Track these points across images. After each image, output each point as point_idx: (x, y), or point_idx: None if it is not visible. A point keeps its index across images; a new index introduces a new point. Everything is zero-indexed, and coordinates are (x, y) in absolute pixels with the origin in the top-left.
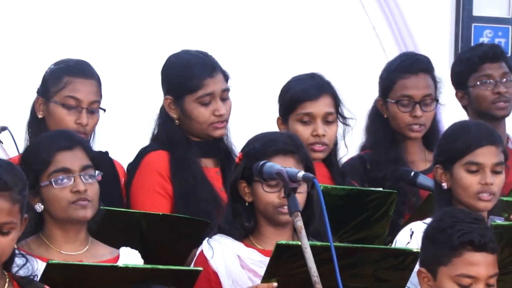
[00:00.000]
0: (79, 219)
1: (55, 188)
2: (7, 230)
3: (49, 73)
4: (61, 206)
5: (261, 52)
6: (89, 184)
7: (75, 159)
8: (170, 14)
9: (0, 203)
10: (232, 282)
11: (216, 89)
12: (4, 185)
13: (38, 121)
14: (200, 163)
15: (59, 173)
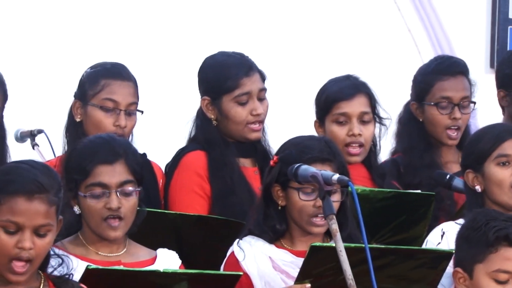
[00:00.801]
0: (109, 238)
1: (89, 201)
2: (44, 232)
3: (86, 76)
4: (94, 220)
5: (299, 55)
6: (125, 200)
7: (114, 175)
8: (207, 16)
9: (37, 206)
10: (265, 284)
11: (253, 89)
12: (40, 188)
13: (76, 124)
14: (238, 163)
15: (95, 187)
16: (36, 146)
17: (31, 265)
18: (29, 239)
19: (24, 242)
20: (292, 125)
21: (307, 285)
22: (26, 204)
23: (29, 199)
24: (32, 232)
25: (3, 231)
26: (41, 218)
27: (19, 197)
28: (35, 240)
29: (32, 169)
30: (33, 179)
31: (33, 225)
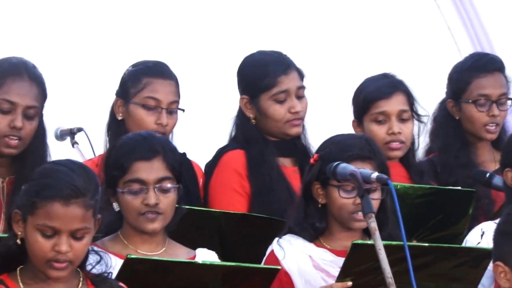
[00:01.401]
0: (147, 231)
1: (127, 197)
2: (81, 235)
3: (128, 74)
4: (132, 216)
5: (338, 53)
6: (163, 196)
7: (152, 171)
8: (246, 16)
9: (73, 210)
10: (305, 282)
11: (291, 86)
12: (77, 192)
13: (118, 122)
14: (277, 162)
15: (133, 184)
16: (75, 144)
17: (71, 265)
18: (65, 243)
19: (61, 246)
20: (332, 123)
21: (348, 283)
22: (62, 209)
23: (66, 204)
24: (69, 235)
25: (40, 234)
26: (77, 222)
27: (56, 202)
28: (72, 243)
29: (69, 172)
30: (70, 184)
31: (69, 229)
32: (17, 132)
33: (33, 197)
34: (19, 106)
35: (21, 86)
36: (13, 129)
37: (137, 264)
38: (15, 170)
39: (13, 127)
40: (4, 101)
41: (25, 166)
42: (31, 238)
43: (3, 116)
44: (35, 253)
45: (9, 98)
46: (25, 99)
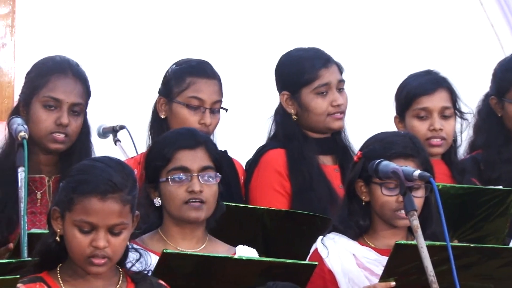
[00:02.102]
0: (190, 220)
1: (171, 185)
2: (118, 231)
3: (171, 73)
4: (175, 204)
5: (380, 50)
6: (206, 185)
7: (196, 159)
8: (286, 14)
9: (110, 205)
10: (349, 281)
11: (331, 79)
12: (114, 187)
13: (161, 121)
14: (317, 160)
15: (177, 171)
16: (118, 142)
17: (110, 261)
18: (103, 238)
19: (99, 241)
20: (374, 121)
21: (392, 283)
22: (99, 204)
23: (103, 199)
24: (107, 231)
25: (78, 230)
26: (115, 218)
27: (93, 197)
28: (110, 238)
29: (106, 167)
30: (107, 179)
31: (107, 225)
32: (63, 129)
33: (71, 193)
34: (65, 103)
35: (66, 83)
36: (59, 126)
37: (173, 259)
38: (60, 168)
39: (59, 124)
40: (49, 98)
41: (70, 165)
42: (69, 235)
43: (49, 113)
44: (73, 249)
45: (55, 96)
46: (71, 96)
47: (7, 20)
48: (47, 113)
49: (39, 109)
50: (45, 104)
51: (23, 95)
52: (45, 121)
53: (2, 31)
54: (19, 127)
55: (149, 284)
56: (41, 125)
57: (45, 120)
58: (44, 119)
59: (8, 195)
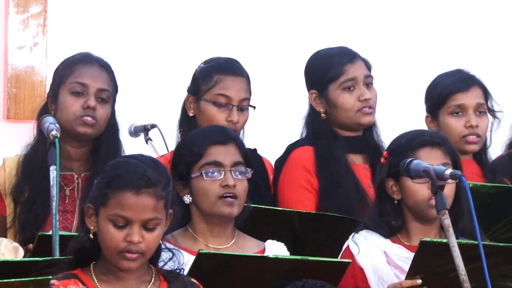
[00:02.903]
0: (224, 215)
1: (205, 180)
2: (153, 226)
3: (199, 71)
4: (209, 200)
5: (409, 52)
6: (239, 180)
7: (228, 154)
8: (316, 13)
9: (144, 200)
10: (378, 279)
11: (358, 74)
12: (148, 182)
13: (189, 119)
14: (346, 158)
15: (210, 166)
16: (149, 140)
17: (143, 257)
18: (137, 233)
19: (133, 236)
20: (404, 121)
21: (417, 281)
22: (134, 198)
23: (137, 193)
24: (141, 226)
25: (112, 224)
26: (149, 212)
27: (127, 192)
28: (144, 233)
29: (141, 163)
30: (141, 174)
31: (141, 219)
32: (91, 111)
33: (105, 189)
34: (91, 87)
35: (92, 70)
36: (87, 109)
37: (209, 259)
38: (90, 166)
39: (87, 107)
40: (76, 84)
41: (99, 162)
42: (103, 230)
43: (76, 99)
44: (107, 244)
45: (81, 81)
46: (97, 82)
47: (39, 19)
48: (75, 98)
49: (67, 96)
50: (72, 90)
51: (51, 89)
52: (73, 105)
53: (34, 30)
54: (51, 125)
55: (181, 283)
56: (69, 110)
57: (73, 104)
58: (71, 104)
59: (36, 193)
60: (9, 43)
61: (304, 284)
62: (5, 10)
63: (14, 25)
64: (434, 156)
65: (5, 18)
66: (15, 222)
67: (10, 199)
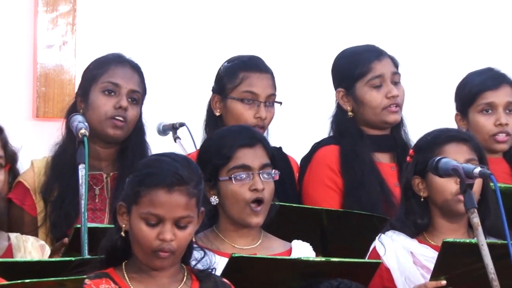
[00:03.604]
0: (252, 225)
1: (234, 184)
2: (184, 224)
3: (224, 70)
4: (238, 205)
5: (438, 49)
6: (266, 183)
7: (256, 157)
8: (342, 11)
9: (176, 198)
10: (405, 279)
11: (385, 71)
12: (180, 180)
13: (216, 118)
14: (372, 157)
15: (239, 170)
16: (178, 139)
17: (174, 255)
18: (170, 231)
19: (165, 234)
20: (433, 120)
21: (442, 282)
22: (166, 196)
23: (169, 191)
24: (173, 224)
25: (145, 223)
26: (181, 210)
27: (160, 190)
28: (176, 231)
29: (173, 161)
30: (173, 172)
31: (173, 217)
32: (123, 112)
33: (137, 187)
34: (123, 88)
35: (124, 71)
36: (118, 110)
37: (242, 262)
38: (118, 166)
39: (119, 107)
40: (109, 83)
41: (127, 161)
42: (135, 228)
43: (108, 98)
44: (140, 243)
45: (114, 80)
46: (129, 83)
47: (68, 18)
48: (106, 97)
49: (99, 95)
50: (104, 89)
51: (80, 88)
52: (105, 105)
53: (63, 29)
54: (80, 124)
55: (213, 282)
56: (100, 109)
57: (105, 104)
58: (103, 103)
59: (66, 191)
60: (38, 42)
61: (339, 284)
62: (34, 9)
63: (43, 24)
64: (460, 151)
65: (34, 17)
66: (46, 221)
67: (40, 198)
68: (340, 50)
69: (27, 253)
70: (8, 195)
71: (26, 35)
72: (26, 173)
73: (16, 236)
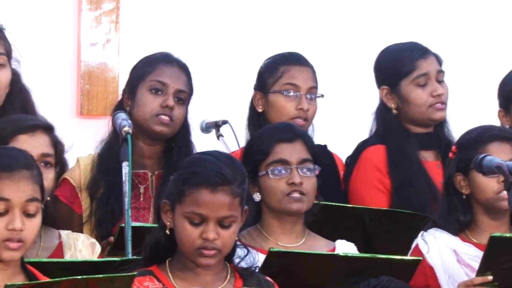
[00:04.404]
0: (292, 211)
1: (271, 179)
2: (228, 224)
3: (264, 66)
4: (276, 197)
5: (481, 46)
6: (306, 177)
7: (294, 152)
8: (385, 9)
9: (220, 197)
10: (449, 277)
11: (430, 70)
12: (224, 180)
13: (258, 115)
14: (418, 156)
15: (277, 164)
16: (220, 136)
17: (220, 253)
18: (213, 230)
19: (209, 233)
20: (474, 118)
21: (489, 277)
22: (210, 196)
23: (213, 191)
24: (216, 223)
25: (188, 222)
26: (225, 210)
27: (203, 189)
28: (220, 231)
29: (217, 161)
30: (217, 172)
31: (217, 217)
32: (169, 111)
33: (181, 185)
34: (171, 87)
35: (172, 71)
36: (165, 109)
37: (279, 257)
38: (163, 164)
39: (165, 106)
40: (156, 82)
41: (172, 160)
42: (179, 227)
43: (155, 97)
44: (184, 241)
45: (161, 79)
46: (176, 83)
47: (111, 16)
48: (153, 96)
49: (146, 93)
50: (152, 87)
51: (128, 85)
52: (151, 103)
53: (106, 27)
54: (123, 122)
55: (256, 280)
56: (147, 107)
57: (151, 102)
58: (150, 101)
59: (111, 188)
60: (82, 40)
61: (378, 281)
62: (78, 7)
63: (86, 22)
64: (504, 150)
65: (78, 15)
66: (92, 218)
67: (86, 194)
68: (383, 46)
69: (77, 251)
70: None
71: (70, 34)
72: (72, 171)
73: (67, 234)
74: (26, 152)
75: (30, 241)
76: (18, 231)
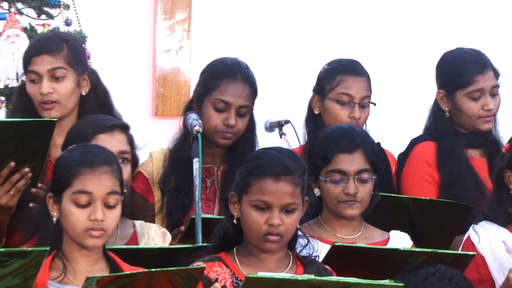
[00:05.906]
0: (346, 217)
1: (329, 186)
2: (291, 209)
3: (324, 72)
4: (332, 202)
5: None
6: (362, 186)
7: (353, 163)
8: (440, 15)
9: (283, 186)
10: (498, 266)
11: (486, 86)
12: (286, 170)
13: (315, 116)
14: (466, 154)
15: (335, 174)
16: (283, 135)
17: (283, 239)
18: (277, 217)
19: (273, 219)
20: None
21: None
22: (274, 184)
23: (277, 180)
24: (280, 210)
25: (254, 209)
26: (287, 197)
27: (268, 179)
28: (283, 217)
29: (279, 154)
30: (280, 163)
31: (280, 204)
32: (231, 129)
33: (247, 177)
34: (233, 106)
35: (235, 87)
36: (227, 127)
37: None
38: (228, 159)
39: (227, 124)
40: (220, 101)
41: (236, 156)
42: (246, 215)
43: (218, 114)
44: (251, 228)
45: (225, 99)
46: (239, 100)
47: (184, 25)
48: (217, 113)
49: (210, 109)
50: (215, 105)
51: (197, 92)
52: (215, 120)
53: (179, 35)
54: (194, 121)
55: (316, 268)
56: (211, 123)
57: (215, 119)
58: (214, 118)
59: (182, 183)
60: (157, 46)
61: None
62: (153, 16)
63: (161, 30)
64: None
65: (153, 24)
66: (163, 209)
67: (157, 188)
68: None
69: (150, 240)
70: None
71: (146, 41)
72: (145, 164)
73: (140, 223)
74: (107, 149)
75: (110, 230)
76: (100, 221)
